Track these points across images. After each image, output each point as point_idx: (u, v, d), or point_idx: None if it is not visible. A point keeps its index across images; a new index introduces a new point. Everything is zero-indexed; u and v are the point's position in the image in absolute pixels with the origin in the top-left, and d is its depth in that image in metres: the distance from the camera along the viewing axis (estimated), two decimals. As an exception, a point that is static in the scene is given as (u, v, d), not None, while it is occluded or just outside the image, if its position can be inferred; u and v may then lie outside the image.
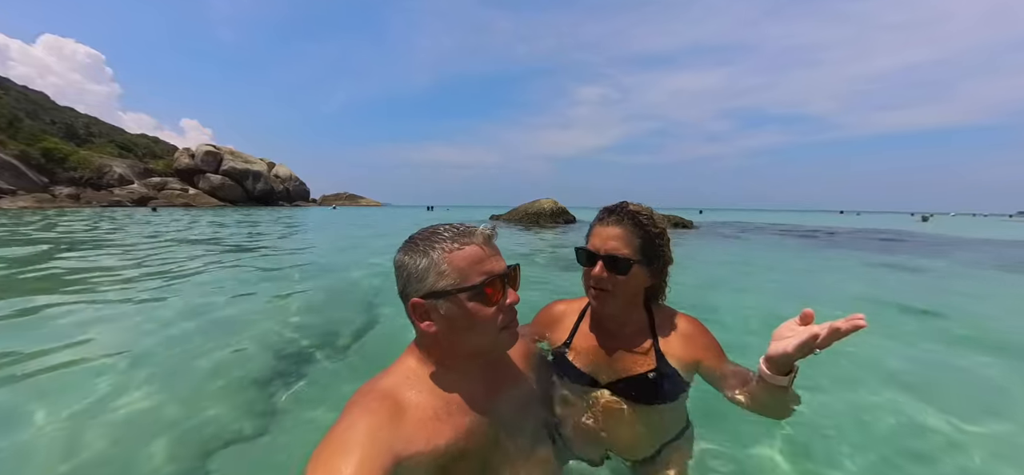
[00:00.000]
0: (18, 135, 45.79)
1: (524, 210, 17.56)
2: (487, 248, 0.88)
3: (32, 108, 58.37)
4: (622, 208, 1.16)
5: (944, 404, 1.99)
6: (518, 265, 0.96)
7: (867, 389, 2.14)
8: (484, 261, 0.86)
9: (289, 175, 71.35)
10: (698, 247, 9.78)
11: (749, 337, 2.93)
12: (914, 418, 1.89)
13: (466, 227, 0.89)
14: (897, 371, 2.38)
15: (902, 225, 25.10)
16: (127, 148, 65.72)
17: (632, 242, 1.11)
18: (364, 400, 0.81)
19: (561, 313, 1.30)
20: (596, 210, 1.24)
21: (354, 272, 5.51)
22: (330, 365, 2.45)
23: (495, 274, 0.86)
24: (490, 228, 0.91)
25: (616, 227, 1.12)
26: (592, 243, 1.14)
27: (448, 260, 0.85)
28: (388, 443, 0.74)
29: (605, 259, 1.10)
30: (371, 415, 0.77)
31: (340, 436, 0.73)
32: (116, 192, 48.38)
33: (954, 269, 7.04)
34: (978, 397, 2.18)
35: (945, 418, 1.87)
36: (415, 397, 0.85)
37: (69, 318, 3.13)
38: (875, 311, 3.82)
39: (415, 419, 0.82)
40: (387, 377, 0.89)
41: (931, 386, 2.23)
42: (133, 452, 1.59)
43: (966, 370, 2.48)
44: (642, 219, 1.13)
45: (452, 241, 0.86)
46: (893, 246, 10.94)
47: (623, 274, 1.10)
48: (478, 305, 0.85)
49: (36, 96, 64.89)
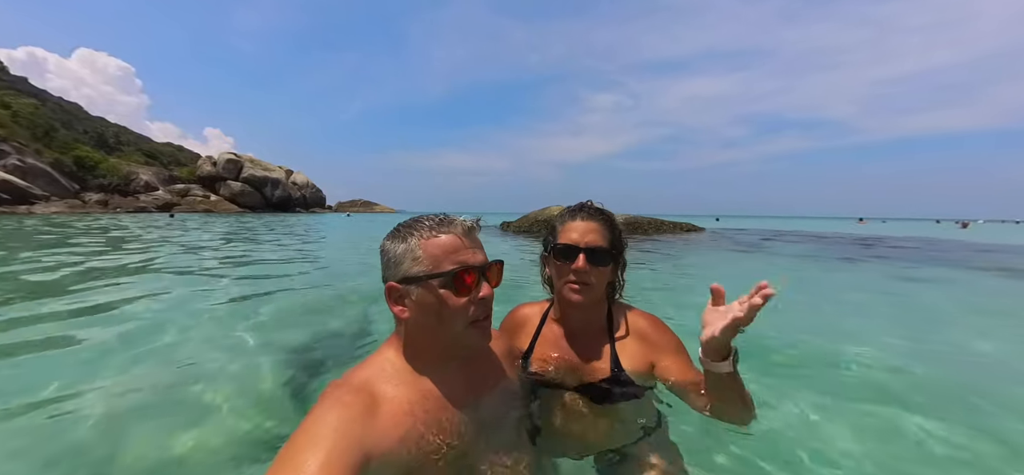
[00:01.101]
0: (53, 144, 47.97)
1: (534, 218, 17.55)
2: (465, 239, 0.89)
3: (67, 118, 61.20)
4: (592, 205, 1.22)
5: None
6: (500, 262, 0.96)
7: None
8: (459, 251, 0.87)
9: (306, 182, 72.86)
10: (708, 263, 9.47)
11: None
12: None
13: (448, 218, 0.90)
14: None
15: (940, 233, 22.47)
16: (153, 156, 68.22)
17: (606, 235, 1.17)
18: (337, 392, 0.80)
19: (524, 317, 1.32)
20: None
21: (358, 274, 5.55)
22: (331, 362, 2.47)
23: (468, 264, 0.86)
24: (471, 220, 0.92)
25: (591, 221, 1.17)
26: (570, 237, 1.16)
27: (423, 246, 0.86)
28: (358, 438, 0.72)
29: (587, 251, 1.13)
30: (343, 408, 0.76)
31: (309, 429, 0.72)
32: (142, 198, 50.12)
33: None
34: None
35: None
36: (391, 390, 0.84)
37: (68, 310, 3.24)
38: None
39: (389, 413, 0.80)
40: (363, 369, 0.88)
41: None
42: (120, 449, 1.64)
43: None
44: (609, 215, 1.21)
45: (430, 229, 0.88)
46: (963, 260, 9.02)
47: (604, 266, 1.15)
48: (449, 293, 0.85)
49: (70, 107, 68.05)
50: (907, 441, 1.73)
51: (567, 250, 1.15)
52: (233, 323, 3.29)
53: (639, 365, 1.16)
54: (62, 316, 3.33)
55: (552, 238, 1.21)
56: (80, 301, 3.82)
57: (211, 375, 2.28)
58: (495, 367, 1.06)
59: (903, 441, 1.73)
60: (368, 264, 6.94)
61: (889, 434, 1.78)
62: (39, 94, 62.49)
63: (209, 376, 2.26)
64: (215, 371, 2.33)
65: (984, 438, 1.72)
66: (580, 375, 1.19)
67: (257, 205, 60.41)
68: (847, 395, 2.10)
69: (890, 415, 1.90)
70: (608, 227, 1.18)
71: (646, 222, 16.71)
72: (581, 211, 1.19)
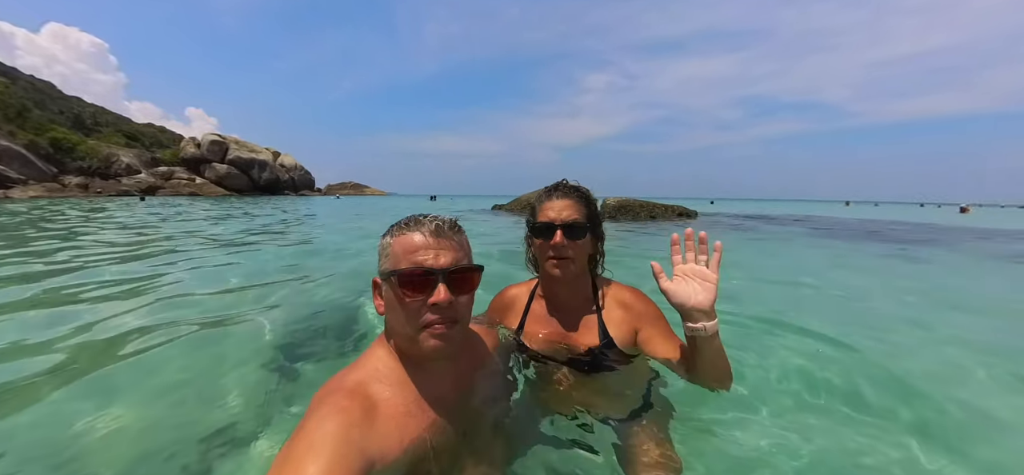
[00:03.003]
0: (26, 124, 46.16)
1: (526, 200, 17.51)
2: (431, 239, 0.84)
3: (40, 98, 58.73)
4: (566, 183, 1.28)
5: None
6: (475, 268, 0.90)
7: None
8: (418, 251, 0.83)
9: (294, 164, 71.59)
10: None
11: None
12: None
13: (429, 217, 0.88)
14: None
15: (941, 218, 20.90)
16: (134, 138, 66.06)
17: (582, 210, 1.23)
18: (333, 397, 0.78)
19: (512, 297, 1.39)
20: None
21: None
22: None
23: (422, 265, 0.82)
24: (445, 221, 0.88)
25: (566, 199, 1.24)
26: (547, 216, 1.22)
27: (393, 243, 0.87)
28: (359, 444, 0.71)
29: (563, 227, 1.19)
30: (342, 413, 0.74)
31: (308, 435, 0.70)
32: (124, 182, 48.82)
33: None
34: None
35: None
36: (386, 392, 0.83)
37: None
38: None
39: (387, 416, 0.79)
40: (356, 370, 0.87)
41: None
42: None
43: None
44: (584, 191, 1.28)
45: (403, 226, 0.88)
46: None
47: (580, 239, 1.22)
48: (402, 292, 0.83)
49: (43, 85, 65.19)
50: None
51: (545, 227, 1.22)
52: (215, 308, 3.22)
53: (624, 334, 1.25)
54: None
55: (532, 218, 1.28)
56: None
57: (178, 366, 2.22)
58: (484, 360, 1.05)
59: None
60: (352, 251, 6.86)
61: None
62: (9, 72, 59.72)
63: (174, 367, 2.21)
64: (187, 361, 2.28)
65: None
66: (570, 347, 1.27)
67: (244, 188, 59.32)
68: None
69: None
70: (583, 202, 1.25)
71: (637, 205, 16.72)
72: (557, 190, 1.26)
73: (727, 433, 1.45)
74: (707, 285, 0.97)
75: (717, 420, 1.49)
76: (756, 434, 1.49)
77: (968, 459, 1.44)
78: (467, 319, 0.90)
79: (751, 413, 1.62)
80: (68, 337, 2.49)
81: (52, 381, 1.95)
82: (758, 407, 1.67)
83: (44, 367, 2.09)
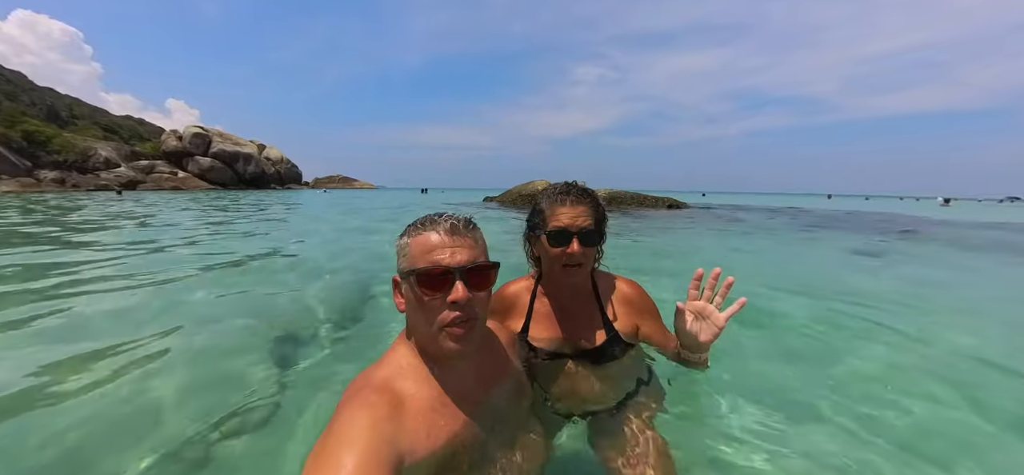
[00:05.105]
0: (-4, 117, 44.41)
1: (518, 192, 17.51)
2: (447, 237, 0.86)
3: (11, 89, 56.31)
4: (577, 187, 1.27)
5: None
6: (492, 264, 0.92)
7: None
8: (435, 250, 0.85)
9: (280, 157, 70.19)
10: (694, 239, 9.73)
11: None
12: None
13: (444, 216, 0.90)
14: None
15: (923, 211, 21.47)
16: (112, 130, 64.01)
17: (594, 216, 1.23)
18: (361, 395, 0.79)
19: (514, 295, 1.37)
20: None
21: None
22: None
23: (440, 263, 0.83)
24: (460, 219, 0.90)
25: (581, 205, 1.22)
26: (562, 222, 1.20)
27: (411, 243, 0.88)
28: (391, 437, 0.73)
29: (580, 235, 1.18)
30: (371, 408, 0.76)
31: (341, 429, 0.72)
32: (103, 176, 47.29)
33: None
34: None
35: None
36: (412, 388, 0.84)
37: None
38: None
39: (414, 411, 0.81)
40: (381, 368, 0.88)
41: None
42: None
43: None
44: (594, 195, 1.27)
45: (420, 226, 0.89)
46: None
47: (594, 246, 1.23)
48: (422, 291, 0.85)
49: (13, 76, 62.26)
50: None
51: (560, 235, 1.19)
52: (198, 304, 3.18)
53: (627, 327, 1.30)
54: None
55: (540, 221, 1.25)
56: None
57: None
58: (502, 358, 1.08)
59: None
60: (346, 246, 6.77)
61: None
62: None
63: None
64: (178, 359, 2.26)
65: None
66: (578, 342, 1.29)
67: (228, 181, 57.99)
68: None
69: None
70: (594, 207, 1.25)
71: (628, 196, 16.88)
72: (569, 195, 1.23)
73: (716, 414, 1.61)
74: (714, 329, 1.07)
75: (710, 403, 1.64)
76: (744, 415, 1.62)
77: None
78: (485, 316, 0.92)
79: (741, 395, 1.75)
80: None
81: (52, 382, 1.91)
82: (751, 386, 1.83)
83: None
